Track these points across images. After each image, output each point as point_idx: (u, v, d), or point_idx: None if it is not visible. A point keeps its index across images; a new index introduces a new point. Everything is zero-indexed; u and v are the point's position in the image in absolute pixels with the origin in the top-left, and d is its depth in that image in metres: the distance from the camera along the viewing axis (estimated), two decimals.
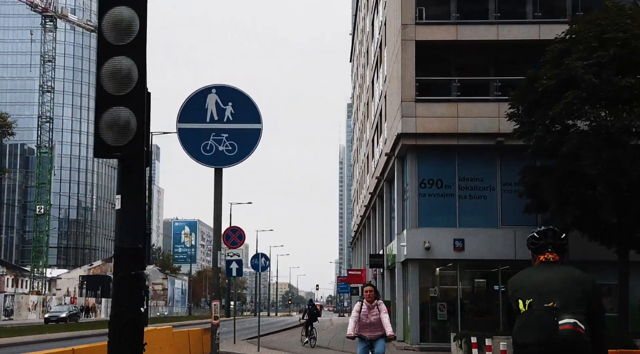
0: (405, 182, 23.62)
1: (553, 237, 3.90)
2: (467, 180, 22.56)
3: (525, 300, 3.61)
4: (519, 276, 3.85)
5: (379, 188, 30.41)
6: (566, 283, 3.64)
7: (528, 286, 3.69)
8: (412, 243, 22.28)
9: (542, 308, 3.52)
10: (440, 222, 22.61)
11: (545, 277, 3.69)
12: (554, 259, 3.82)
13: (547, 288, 3.62)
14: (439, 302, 22.49)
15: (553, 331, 3.44)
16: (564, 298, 3.55)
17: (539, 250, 3.90)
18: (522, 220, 22.23)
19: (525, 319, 3.56)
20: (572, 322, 3.45)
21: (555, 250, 3.86)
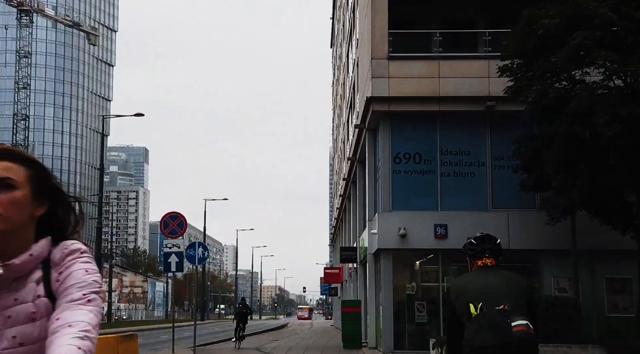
0: (378, 158, 19.77)
1: (490, 242, 3.99)
2: (450, 154, 18.72)
3: (476, 304, 3.69)
4: (461, 281, 3.95)
5: (353, 172, 26.56)
6: (511, 287, 3.77)
7: (475, 290, 3.77)
8: (384, 230, 18.43)
9: (494, 311, 3.63)
10: (419, 204, 18.78)
11: (490, 281, 3.79)
12: (491, 263, 3.91)
13: (494, 292, 3.71)
14: (417, 301, 18.65)
15: (508, 332, 3.56)
16: (513, 301, 3.67)
17: (477, 255, 3.95)
18: (517, 201, 18.44)
19: (480, 323, 3.64)
20: (525, 323, 3.58)
21: (492, 255, 3.94)
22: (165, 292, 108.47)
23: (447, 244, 18.30)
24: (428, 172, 18.71)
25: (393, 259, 18.45)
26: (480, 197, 18.70)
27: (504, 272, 3.89)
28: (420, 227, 18.37)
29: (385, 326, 18.32)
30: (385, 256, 18.52)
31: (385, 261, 18.46)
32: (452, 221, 18.37)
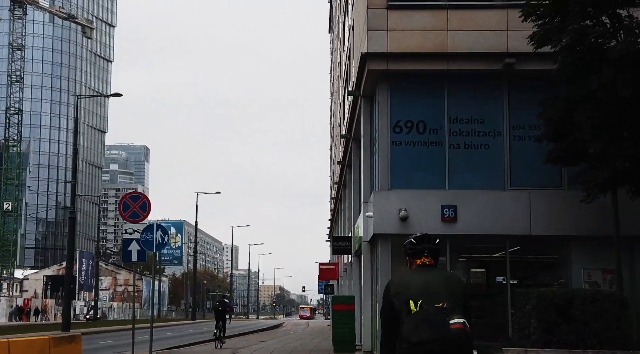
0: (374, 128, 16.79)
1: (429, 242, 4.11)
2: (460, 122, 15.72)
3: (416, 301, 3.77)
4: (400, 279, 4.02)
5: (348, 153, 23.57)
6: (449, 286, 3.88)
7: (415, 287, 3.85)
8: (382, 212, 15.43)
9: (433, 308, 3.72)
10: (423, 181, 15.79)
11: (430, 280, 3.90)
12: (429, 262, 4.04)
13: (434, 290, 3.82)
14: None
15: (446, 329, 3.66)
16: (451, 300, 3.79)
17: (416, 254, 4.08)
18: (541, 178, 15.48)
19: (420, 319, 3.72)
20: (462, 322, 3.71)
21: (431, 254, 4.07)
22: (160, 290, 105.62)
23: (457, 229, 15.31)
24: (434, 143, 15.70)
25: (392, 247, 15.44)
26: (496, 173, 15.70)
27: (444, 272, 4.11)
28: (425, 209, 15.37)
29: None
30: (382, 243, 15.52)
31: (383, 250, 15.46)
32: (463, 201, 15.37)
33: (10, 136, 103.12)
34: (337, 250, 22.39)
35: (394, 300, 3.85)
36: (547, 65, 14.08)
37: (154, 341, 27.40)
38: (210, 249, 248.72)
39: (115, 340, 27.45)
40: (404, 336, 3.72)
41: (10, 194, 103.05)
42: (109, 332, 35.37)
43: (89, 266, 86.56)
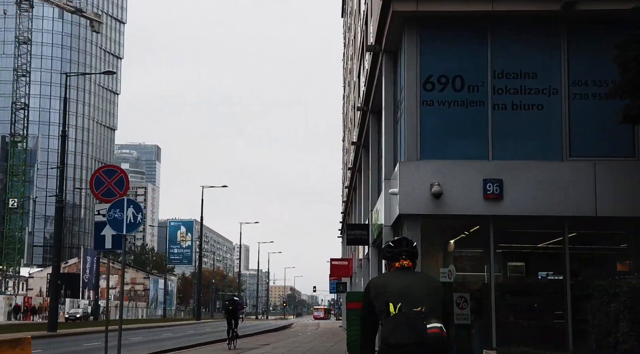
0: (400, 87, 13.84)
1: (407, 245, 4.17)
2: (508, 76, 12.71)
3: (395, 304, 3.83)
4: (380, 280, 4.07)
5: (365, 128, 20.59)
6: (428, 290, 3.93)
7: (394, 290, 3.90)
8: (409, 187, 12.44)
9: (411, 312, 3.78)
10: (460, 150, 12.82)
11: (409, 282, 3.95)
12: (407, 265, 4.10)
13: (413, 294, 3.87)
14: (456, 293, 12.66)
15: (423, 333, 3.71)
16: (429, 304, 3.84)
17: (395, 258, 4.14)
18: (608, 145, 12.51)
19: (398, 322, 3.78)
20: (439, 326, 3.76)
21: (409, 257, 4.13)
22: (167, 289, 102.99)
23: (502, 208, 12.31)
24: (474, 103, 12.71)
25: (422, 230, 12.46)
26: (551, 140, 12.68)
27: (424, 276, 4.13)
28: (463, 184, 12.38)
29: None
30: (410, 225, 12.53)
31: (411, 234, 12.45)
32: (510, 174, 12.37)
33: (16, 131, 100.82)
34: (352, 240, 19.39)
35: (374, 301, 3.94)
36: (617, 4, 11.13)
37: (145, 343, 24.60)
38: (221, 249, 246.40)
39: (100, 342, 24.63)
40: (383, 337, 3.81)
41: (16, 190, 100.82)
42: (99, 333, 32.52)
43: (93, 263, 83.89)
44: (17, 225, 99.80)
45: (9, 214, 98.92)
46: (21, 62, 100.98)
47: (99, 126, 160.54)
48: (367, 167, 22.20)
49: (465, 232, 13.28)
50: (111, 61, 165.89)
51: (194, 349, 21.83)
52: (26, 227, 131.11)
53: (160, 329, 39.68)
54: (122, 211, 11.77)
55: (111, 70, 28.60)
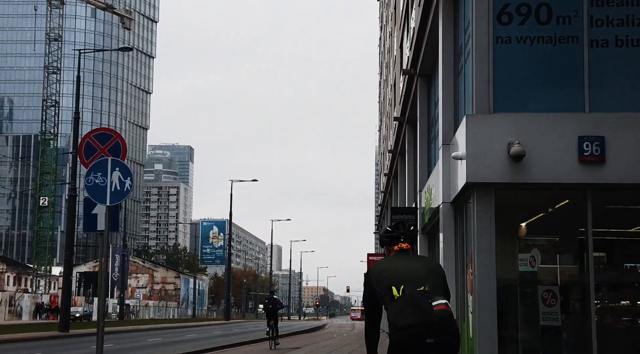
0: (464, 23, 10.97)
1: (404, 228, 4.19)
2: (610, 4, 9.75)
3: (398, 286, 3.83)
4: (380, 265, 4.05)
5: (412, 95, 17.70)
6: (429, 270, 3.98)
7: (396, 273, 3.91)
8: (479, 148, 9.55)
9: (415, 292, 3.78)
10: (547, 100, 9.91)
11: (410, 264, 3.98)
12: (406, 247, 4.12)
13: (415, 275, 3.90)
14: (542, 286, 9.75)
15: (430, 311, 3.70)
16: (432, 283, 3.86)
17: (393, 241, 4.16)
18: None
19: (403, 303, 3.76)
20: (444, 302, 3.78)
21: (407, 240, 4.15)
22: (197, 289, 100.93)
23: (604, 174, 9.36)
24: (564, 39, 9.77)
25: (497, 203, 9.57)
26: None
27: (423, 257, 4.29)
28: (551, 143, 9.45)
29: (482, 331, 9.44)
30: (481, 197, 9.63)
31: (482, 208, 9.58)
32: (615, 131, 9.40)
33: (47, 129, 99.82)
34: None
35: (375, 287, 3.94)
36: None
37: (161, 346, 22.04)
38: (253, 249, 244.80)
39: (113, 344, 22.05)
40: (390, 321, 3.79)
41: (47, 189, 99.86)
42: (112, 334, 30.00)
43: (122, 262, 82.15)
44: (48, 224, 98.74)
45: (40, 213, 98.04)
46: (52, 59, 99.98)
47: (131, 125, 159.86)
48: (412, 143, 19.35)
49: (550, 208, 10.33)
50: (143, 60, 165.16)
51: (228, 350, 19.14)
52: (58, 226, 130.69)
53: (186, 330, 37.19)
54: (104, 175, 9.06)
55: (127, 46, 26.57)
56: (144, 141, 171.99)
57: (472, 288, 9.85)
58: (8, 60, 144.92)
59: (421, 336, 3.67)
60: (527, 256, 9.86)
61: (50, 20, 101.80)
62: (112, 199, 9.07)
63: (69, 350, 19.43)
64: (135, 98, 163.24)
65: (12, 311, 57.13)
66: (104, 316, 9.88)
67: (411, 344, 3.70)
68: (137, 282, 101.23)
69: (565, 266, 10.32)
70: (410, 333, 3.67)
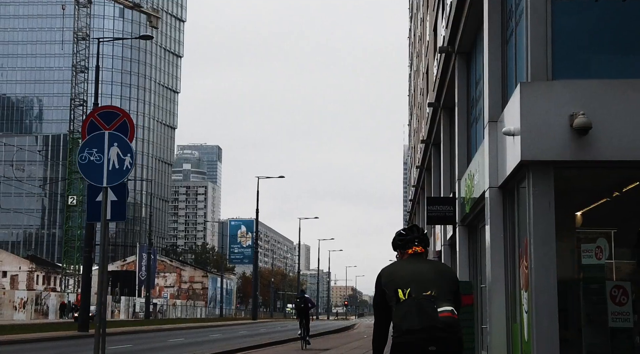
0: None
1: (418, 231, 4.17)
2: None
3: (404, 289, 3.82)
4: (392, 268, 4.03)
5: (448, 77, 16.32)
6: (438, 275, 3.93)
7: (405, 276, 3.91)
8: (536, 120, 8.21)
9: (422, 296, 3.77)
10: (615, 65, 8.55)
11: (419, 268, 3.95)
12: (420, 250, 4.09)
13: (423, 278, 3.87)
14: (611, 282, 8.38)
15: (434, 317, 3.69)
16: (439, 288, 3.83)
17: (407, 245, 4.13)
18: None
19: (408, 307, 3.76)
20: (450, 309, 3.76)
21: (421, 244, 4.12)
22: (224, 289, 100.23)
23: None
24: None
25: (556, 186, 8.22)
26: None
27: (434, 262, 4.19)
28: (623, 114, 8.07)
29: (541, 334, 8.10)
30: (538, 178, 8.28)
31: (539, 191, 8.23)
32: None
33: (75, 128, 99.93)
34: (433, 218, 15.13)
35: (385, 289, 3.92)
36: None
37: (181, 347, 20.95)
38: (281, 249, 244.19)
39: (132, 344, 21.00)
40: (394, 324, 3.79)
41: (75, 188, 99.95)
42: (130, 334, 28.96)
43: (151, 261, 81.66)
44: (77, 223, 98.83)
45: (69, 212, 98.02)
46: (79, 58, 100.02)
47: (159, 125, 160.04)
48: (448, 130, 18.02)
49: (619, 190, 8.94)
50: (171, 59, 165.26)
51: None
52: None
53: (211, 330, 36.14)
54: (101, 152, 7.88)
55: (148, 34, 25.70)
56: (172, 140, 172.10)
57: (527, 283, 8.52)
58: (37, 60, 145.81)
59: (424, 342, 3.64)
60: (592, 247, 8.50)
61: (78, 19, 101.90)
62: (109, 179, 7.90)
63: (80, 352, 18.37)
64: (163, 97, 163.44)
65: (39, 310, 56.78)
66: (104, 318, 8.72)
67: (413, 348, 3.65)
68: (164, 281, 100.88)
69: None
70: (414, 338, 3.67)
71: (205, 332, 31.81)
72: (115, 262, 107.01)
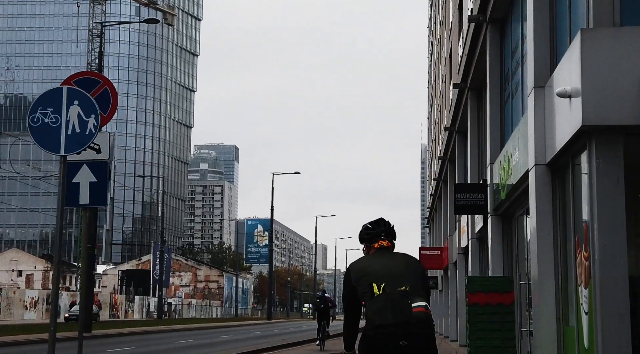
0: None
1: (384, 225, 4.15)
2: None
3: (379, 284, 3.80)
4: (360, 263, 4.01)
5: (477, 53, 14.67)
6: (410, 269, 3.91)
7: (377, 271, 3.88)
8: (600, 76, 6.59)
9: (396, 292, 3.74)
10: None
11: (390, 263, 3.94)
12: (386, 245, 4.07)
13: (396, 274, 3.85)
14: None
15: (408, 313, 3.66)
16: (412, 283, 3.81)
17: (373, 239, 4.11)
18: None
19: (383, 302, 3.73)
20: (424, 305, 3.72)
21: (387, 237, 4.11)
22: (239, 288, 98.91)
23: None
24: None
25: (627, 159, 6.62)
26: None
27: (404, 255, 4.07)
28: None
29: (608, 340, 6.49)
30: (603, 148, 6.69)
31: (605, 164, 6.63)
32: None
33: None
34: (461, 208, 13.51)
35: (357, 285, 3.90)
36: None
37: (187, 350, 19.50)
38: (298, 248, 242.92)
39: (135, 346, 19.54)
40: (367, 318, 3.77)
41: None
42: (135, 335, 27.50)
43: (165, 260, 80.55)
44: None
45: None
46: (94, 56, 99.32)
47: (175, 123, 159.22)
48: (475, 114, 16.44)
49: None
50: (187, 58, 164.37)
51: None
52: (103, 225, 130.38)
53: (223, 330, 34.67)
54: (57, 112, 6.35)
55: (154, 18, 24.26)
56: (188, 139, 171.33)
57: (587, 278, 6.91)
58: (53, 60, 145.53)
59: (396, 337, 3.63)
60: None
61: (93, 17, 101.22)
62: (68, 146, 6.38)
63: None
64: (179, 96, 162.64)
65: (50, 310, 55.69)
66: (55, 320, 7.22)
67: (385, 343, 3.65)
68: (180, 280, 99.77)
69: None
70: (387, 332, 3.66)
71: (216, 333, 30.36)
72: (130, 261, 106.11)
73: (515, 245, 11.86)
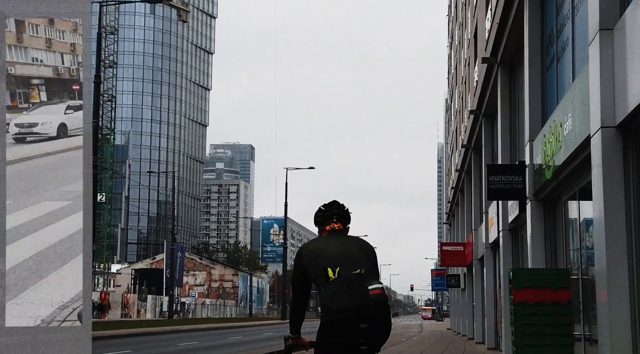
0: None
1: (337, 208, 4.08)
2: None
3: (333, 268, 3.73)
4: (315, 245, 3.92)
5: (509, 24, 12.90)
6: (363, 252, 3.85)
7: (331, 254, 3.80)
8: None
9: (352, 275, 3.69)
10: None
11: (343, 246, 3.86)
12: (338, 228, 4.00)
13: (350, 256, 3.78)
14: None
15: (365, 296, 3.62)
16: (367, 266, 3.76)
17: (325, 221, 4.03)
18: None
19: (339, 286, 3.67)
20: (381, 287, 3.70)
21: (340, 220, 4.03)
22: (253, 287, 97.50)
23: None
24: None
25: None
26: None
27: (356, 238, 4.05)
28: None
29: None
30: None
31: None
32: None
33: (104, 124, 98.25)
34: (495, 192, 11.70)
35: (309, 267, 3.81)
36: None
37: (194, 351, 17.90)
38: None
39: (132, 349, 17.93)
40: (323, 303, 3.72)
41: (104, 185, 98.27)
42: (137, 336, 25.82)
43: (177, 259, 79.26)
44: (106, 221, 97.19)
45: (98, 210, 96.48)
46: (108, 53, 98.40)
47: (190, 122, 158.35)
48: (507, 82, 14.68)
49: None
50: (202, 56, 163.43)
51: None
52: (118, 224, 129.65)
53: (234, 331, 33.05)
54: None
55: None
56: (203, 138, 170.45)
57: None
58: None
59: (355, 320, 3.58)
60: None
61: (106, 13, 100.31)
62: None
63: None
64: (194, 95, 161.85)
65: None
66: None
67: (344, 327, 3.60)
68: (194, 279, 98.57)
69: None
70: (345, 317, 3.59)
71: (227, 334, 28.77)
72: (144, 260, 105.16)
73: (561, 234, 10.09)
